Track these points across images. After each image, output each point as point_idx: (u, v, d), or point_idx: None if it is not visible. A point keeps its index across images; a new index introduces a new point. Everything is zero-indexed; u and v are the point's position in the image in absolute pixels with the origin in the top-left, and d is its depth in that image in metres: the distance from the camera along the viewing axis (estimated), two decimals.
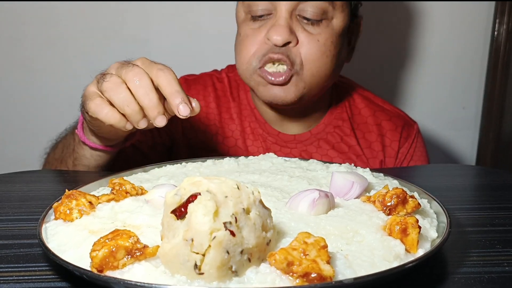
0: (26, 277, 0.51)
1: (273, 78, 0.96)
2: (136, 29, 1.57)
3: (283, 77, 0.95)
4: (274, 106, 1.06)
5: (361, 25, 1.09)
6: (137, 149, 1.05)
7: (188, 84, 1.15)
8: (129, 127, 0.71)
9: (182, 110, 0.67)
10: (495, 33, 1.62)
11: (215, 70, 1.20)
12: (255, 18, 0.98)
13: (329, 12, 0.96)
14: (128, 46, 1.58)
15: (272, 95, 0.99)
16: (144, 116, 0.69)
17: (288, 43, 0.95)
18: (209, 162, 0.81)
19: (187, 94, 0.69)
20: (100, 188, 0.70)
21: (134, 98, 0.68)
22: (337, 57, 1.00)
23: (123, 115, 0.70)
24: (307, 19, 0.96)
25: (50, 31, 1.56)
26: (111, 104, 0.70)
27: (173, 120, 1.09)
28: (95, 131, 0.82)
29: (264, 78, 0.97)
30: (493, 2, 1.62)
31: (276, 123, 1.11)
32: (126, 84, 0.68)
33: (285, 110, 1.08)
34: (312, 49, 0.96)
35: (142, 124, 0.70)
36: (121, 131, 0.77)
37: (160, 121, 0.68)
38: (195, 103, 0.70)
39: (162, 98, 0.70)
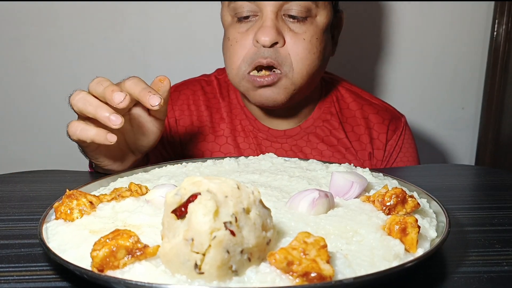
0: (26, 277, 0.51)
1: (261, 80, 0.98)
2: (136, 29, 1.58)
3: (271, 77, 0.98)
4: (266, 108, 1.08)
5: (342, 19, 1.12)
6: None
7: (178, 90, 1.19)
8: (111, 138, 0.73)
9: (152, 100, 0.72)
10: (494, 33, 1.62)
11: (204, 75, 1.23)
12: (241, 20, 1.00)
13: (313, 10, 0.99)
14: (128, 46, 1.58)
15: (263, 97, 1.01)
16: (113, 112, 0.71)
17: (276, 43, 0.97)
18: (209, 162, 0.82)
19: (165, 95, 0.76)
20: (101, 188, 0.70)
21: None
22: (323, 53, 1.03)
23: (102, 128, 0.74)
24: (293, 18, 0.98)
25: (50, 31, 1.56)
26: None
27: (172, 135, 1.11)
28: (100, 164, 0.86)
29: (252, 83, 0.99)
30: (492, 2, 1.62)
31: (266, 120, 1.14)
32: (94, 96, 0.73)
33: (273, 109, 1.10)
34: (299, 48, 0.98)
35: (114, 120, 0.71)
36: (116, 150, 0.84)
37: (154, 100, 0.72)
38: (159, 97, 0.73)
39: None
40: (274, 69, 0.98)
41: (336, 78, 1.23)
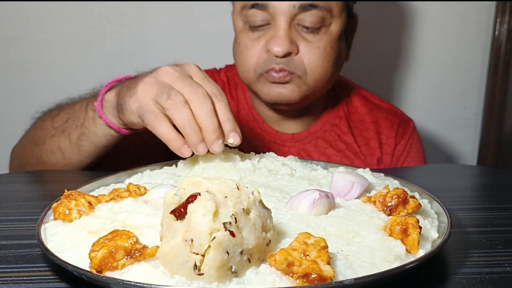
0: (25, 278, 0.51)
1: (275, 75, 0.97)
2: (135, 29, 1.57)
3: (284, 73, 0.97)
4: (278, 107, 1.07)
5: (357, 22, 1.11)
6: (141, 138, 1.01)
7: None
8: (185, 151, 0.69)
9: (232, 138, 0.70)
10: (496, 32, 1.62)
11: (215, 69, 1.21)
12: (253, 28, 0.99)
13: (327, 19, 0.98)
14: (127, 46, 1.58)
15: (277, 93, 1.00)
16: (203, 140, 0.69)
17: (289, 53, 0.96)
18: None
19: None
20: (101, 188, 0.70)
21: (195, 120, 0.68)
22: (337, 60, 1.02)
23: (181, 136, 0.69)
24: (306, 28, 0.97)
25: (49, 31, 1.56)
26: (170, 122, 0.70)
27: None
28: (125, 123, 0.79)
29: (267, 78, 0.99)
30: (494, 2, 1.61)
31: (274, 122, 1.13)
32: (189, 104, 0.69)
33: (284, 110, 1.09)
34: (314, 57, 0.98)
35: (201, 149, 0.69)
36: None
37: (217, 147, 0.69)
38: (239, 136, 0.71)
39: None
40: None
41: (345, 81, 1.22)
